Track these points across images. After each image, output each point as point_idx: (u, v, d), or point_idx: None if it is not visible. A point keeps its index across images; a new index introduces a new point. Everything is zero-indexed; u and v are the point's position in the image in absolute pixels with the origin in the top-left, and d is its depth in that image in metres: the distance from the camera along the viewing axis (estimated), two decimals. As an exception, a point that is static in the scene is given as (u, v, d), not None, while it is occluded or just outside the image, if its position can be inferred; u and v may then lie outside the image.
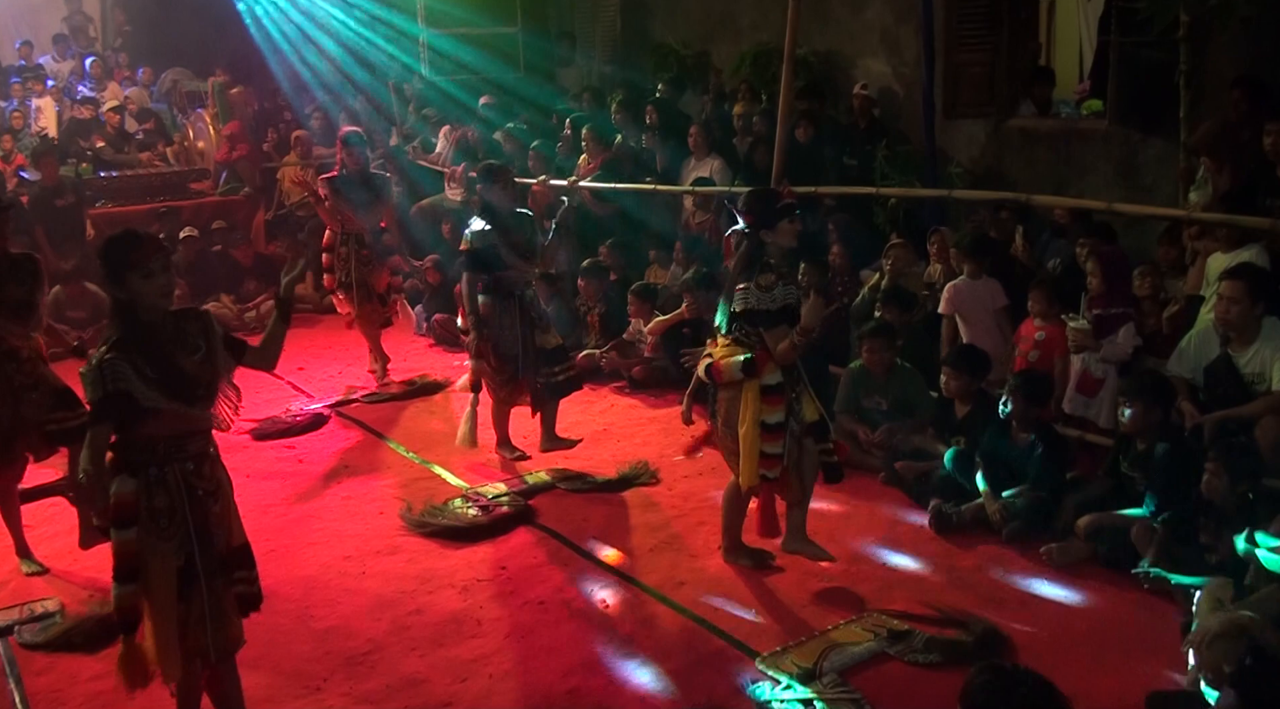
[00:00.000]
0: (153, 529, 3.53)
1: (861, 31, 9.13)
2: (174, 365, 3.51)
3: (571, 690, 4.22)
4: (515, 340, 6.37)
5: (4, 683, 4.49)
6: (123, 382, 3.40)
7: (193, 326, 3.65)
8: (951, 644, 4.30)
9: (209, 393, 3.62)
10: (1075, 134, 8.03)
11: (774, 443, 4.68)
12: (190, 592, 3.58)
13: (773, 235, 4.66)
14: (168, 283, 3.55)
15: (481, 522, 5.71)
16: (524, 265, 6.40)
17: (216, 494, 3.68)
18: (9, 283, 5.23)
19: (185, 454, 3.60)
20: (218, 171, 12.10)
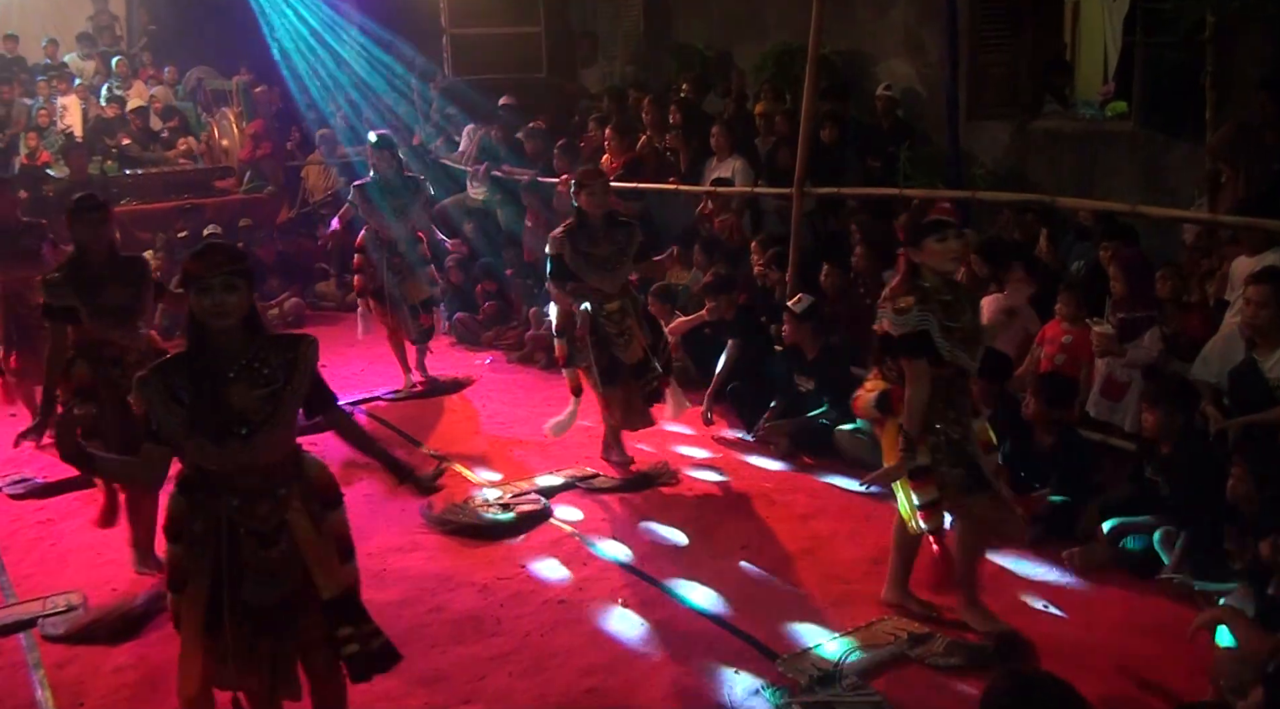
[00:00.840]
0: (189, 552, 3.31)
1: (885, 32, 9.10)
2: (217, 396, 3.18)
3: (591, 690, 4.22)
4: (588, 355, 6.06)
5: (27, 675, 4.52)
6: (146, 404, 3.21)
7: (278, 356, 3.30)
8: (973, 648, 4.28)
9: (256, 433, 3.20)
10: (1100, 136, 7.98)
11: (924, 490, 4.19)
12: (219, 628, 3.28)
13: (919, 255, 4.20)
14: (223, 304, 3.17)
15: (502, 520, 5.72)
16: (602, 278, 6.00)
17: (274, 537, 3.29)
18: (112, 285, 5.08)
19: (233, 489, 3.26)
20: (241, 170, 12.17)
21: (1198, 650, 4.08)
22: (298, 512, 3.35)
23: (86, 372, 5.10)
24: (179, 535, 3.34)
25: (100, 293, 5.05)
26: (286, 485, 3.35)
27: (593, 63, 11.62)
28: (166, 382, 3.19)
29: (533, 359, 8.80)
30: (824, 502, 5.91)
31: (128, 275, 5.16)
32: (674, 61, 10.94)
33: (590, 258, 5.98)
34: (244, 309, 3.24)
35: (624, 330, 6.08)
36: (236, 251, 3.37)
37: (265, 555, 3.29)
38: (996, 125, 8.46)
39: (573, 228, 6.01)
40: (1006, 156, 8.35)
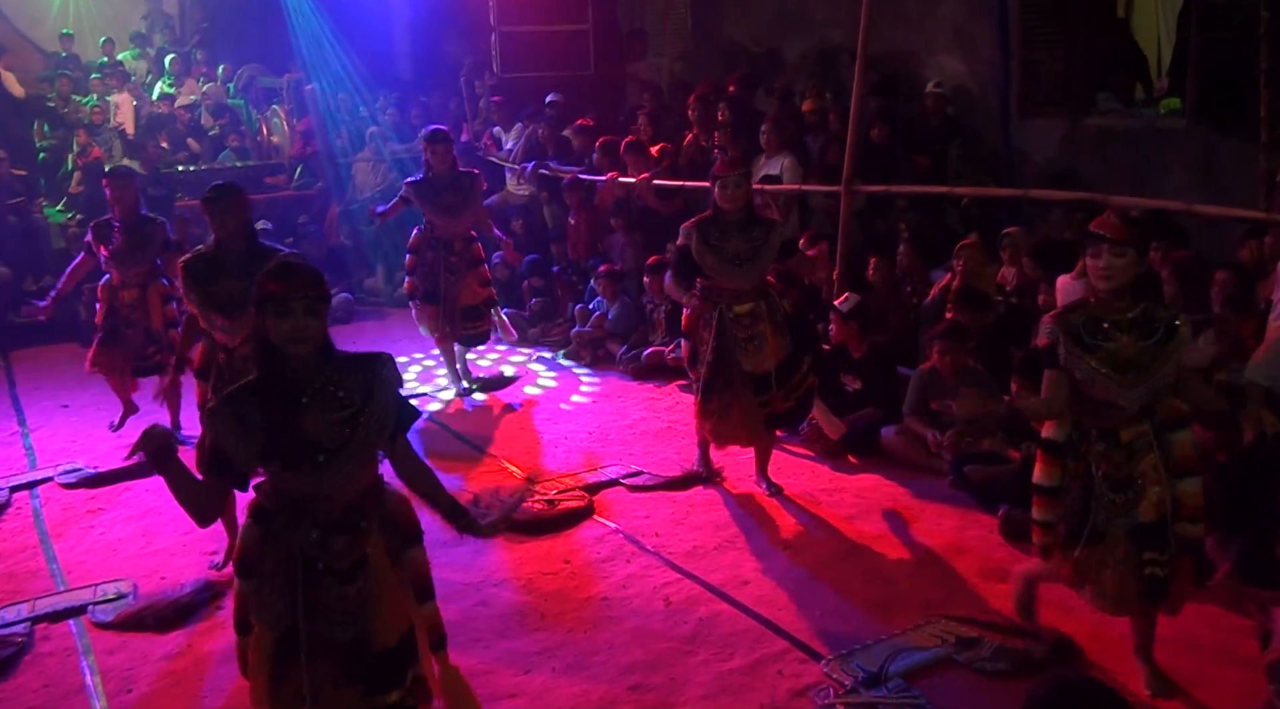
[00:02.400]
0: (261, 588, 3.10)
1: (935, 28, 9.02)
2: (293, 423, 3.00)
3: (633, 687, 4.22)
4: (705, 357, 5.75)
5: (77, 661, 4.61)
6: (219, 436, 3.01)
7: (356, 378, 3.09)
8: (1021, 654, 4.23)
9: (335, 461, 3.01)
10: (1153, 133, 7.86)
11: (1044, 510, 3.97)
12: (286, 670, 3.07)
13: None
14: (306, 328, 2.98)
15: (546, 516, 5.74)
16: (735, 276, 5.64)
17: (351, 574, 3.09)
18: (228, 276, 5.03)
19: (311, 519, 3.07)
20: (292, 166, 12.29)
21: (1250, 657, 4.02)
22: (377, 547, 3.16)
23: (210, 350, 5.21)
24: (250, 571, 3.12)
25: (214, 281, 5.07)
26: (367, 518, 3.15)
27: (643, 59, 11.61)
28: (236, 412, 2.99)
29: (578, 356, 8.82)
30: (870, 502, 5.87)
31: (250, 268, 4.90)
32: (721, 59, 10.91)
33: (721, 252, 5.62)
34: (324, 333, 3.07)
35: (754, 335, 5.69)
36: (317, 273, 3.10)
37: (341, 593, 3.08)
38: (1048, 122, 8.35)
39: (706, 220, 5.68)
40: (1058, 154, 8.25)
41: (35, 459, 7.14)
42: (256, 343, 3.08)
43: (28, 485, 6.61)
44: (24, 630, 4.82)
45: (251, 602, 3.12)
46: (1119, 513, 3.86)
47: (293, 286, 2.99)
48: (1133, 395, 3.80)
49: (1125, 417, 3.85)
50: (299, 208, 11.75)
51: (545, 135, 10.40)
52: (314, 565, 3.06)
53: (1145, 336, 3.80)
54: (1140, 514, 3.85)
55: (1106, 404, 3.83)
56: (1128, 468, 3.85)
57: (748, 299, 5.68)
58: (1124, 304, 3.82)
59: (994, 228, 7.50)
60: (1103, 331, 3.81)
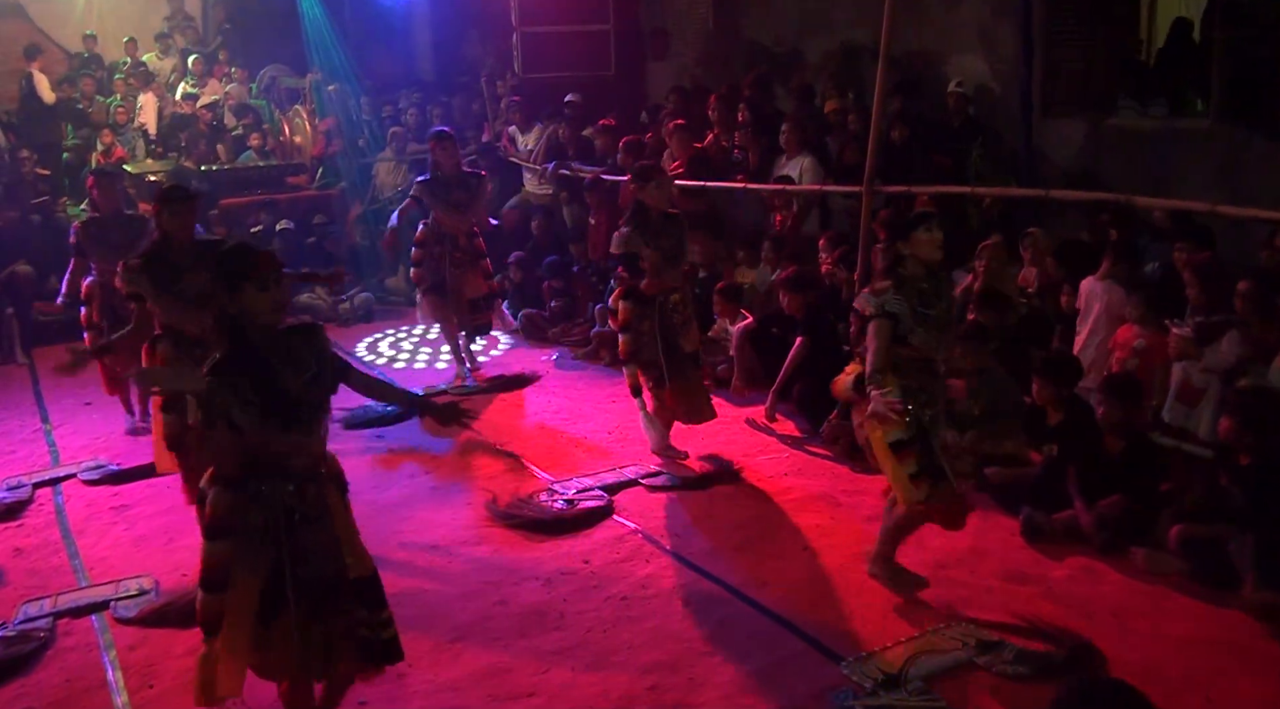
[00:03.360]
0: (245, 546, 3.47)
1: (957, 28, 8.97)
2: (277, 387, 3.42)
3: (652, 687, 4.22)
4: (655, 348, 6.20)
5: (99, 656, 4.64)
6: (224, 407, 3.36)
7: (304, 345, 3.56)
8: (1042, 658, 4.21)
9: (313, 416, 3.51)
10: (1176, 134, 7.80)
11: (906, 461, 4.46)
12: (276, 615, 3.47)
13: (908, 246, 4.53)
14: (281, 298, 3.47)
15: (566, 515, 5.75)
16: (670, 270, 6.15)
17: (322, 520, 3.55)
18: (193, 271, 5.21)
19: (287, 473, 3.50)
20: (314, 166, 12.34)
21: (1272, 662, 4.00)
22: (334, 493, 3.61)
23: (170, 351, 5.28)
24: (226, 532, 3.48)
25: (179, 279, 5.23)
26: (324, 466, 3.61)
27: (664, 58, 11.61)
28: (231, 382, 3.37)
29: (598, 356, 8.81)
30: (890, 503, 5.84)
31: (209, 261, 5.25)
32: (743, 59, 10.89)
33: (660, 250, 6.07)
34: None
35: (686, 319, 6.27)
36: (269, 251, 3.65)
37: (317, 537, 3.52)
38: (1070, 123, 8.30)
39: (639, 223, 6.08)
40: (1080, 155, 8.20)
41: (58, 456, 7.19)
42: (222, 321, 3.46)
43: (51, 482, 6.66)
44: (46, 626, 4.86)
45: (233, 559, 3.45)
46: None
47: (270, 264, 3.47)
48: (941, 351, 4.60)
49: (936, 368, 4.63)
50: (319, 208, 11.79)
51: (566, 135, 10.41)
52: (293, 515, 3.48)
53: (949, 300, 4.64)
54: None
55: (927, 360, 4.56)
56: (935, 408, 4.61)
57: (678, 289, 6.24)
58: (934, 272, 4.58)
59: (1015, 228, 7.47)
60: (927, 299, 4.49)
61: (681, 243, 6.22)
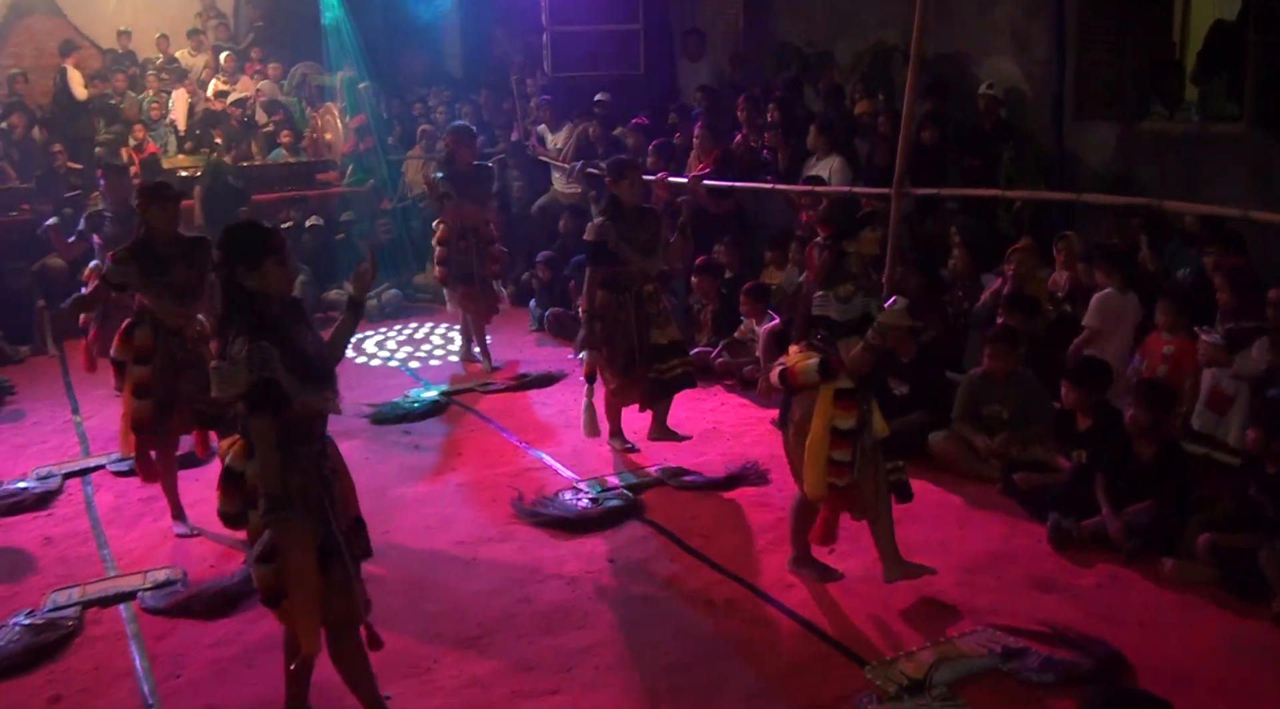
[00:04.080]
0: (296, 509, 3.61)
1: (989, 29, 8.93)
2: (300, 350, 3.62)
3: (675, 687, 4.22)
4: (629, 336, 6.34)
5: (127, 645, 4.68)
6: (269, 369, 3.48)
7: (300, 317, 3.82)
8: (1068, 666, 4.17)
9: (329, 376, 3.74)
10: (1209, 138, 7.74)
11: (843, 450, 4.58)
12: (330, 564, 3.67)
13: (855, 244, 4.61)
14: (295, 269, 3.74)
15: (591, 514, 5.75)
16: (644, 262, 6.33)
17: (339, 473, 3.82)
18: (178, 265, 5.49)
19: (312, 436, 3.71)
20: (344, 163, 12.40)
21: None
22: (335, 446, 3.87)
23: (148, 337, 5.51)
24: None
25: (165, 272, 5.45)
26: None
27: (699, 59, 11.60)
28: (266, 350, 3.50)
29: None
30: (916, 508, 5.75)
31: (193, 256, 5.54)
32: (773, 59, 10.88)
33: (632, 242, 6.24)
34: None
35: (661, 311, 6.44)
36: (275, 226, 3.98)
37: (339, 489, 3.78)
38: (1103, 126, 8.25)
39: (613, 215, 6.27)
40: (1113, 159, 8.15)
41: (88, 446, 7.25)
42: (235, 297, 3.61)
43: (80, 472, 6.73)
44: (75, 614, 4.90)
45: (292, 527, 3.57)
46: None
47: (279, 238, 3.74)
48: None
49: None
50: (349, 205, 11.86)
51: (596, 134, 10.42)
52: (322, 472, 3.69)
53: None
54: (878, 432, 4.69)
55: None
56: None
57: (651, 280, 6.42)
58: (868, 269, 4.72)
59: (1046, 232, 7.42)
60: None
61: (656, 236, 6.36)
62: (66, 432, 7.61)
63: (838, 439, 4.57)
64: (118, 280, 5.49)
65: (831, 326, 4.57)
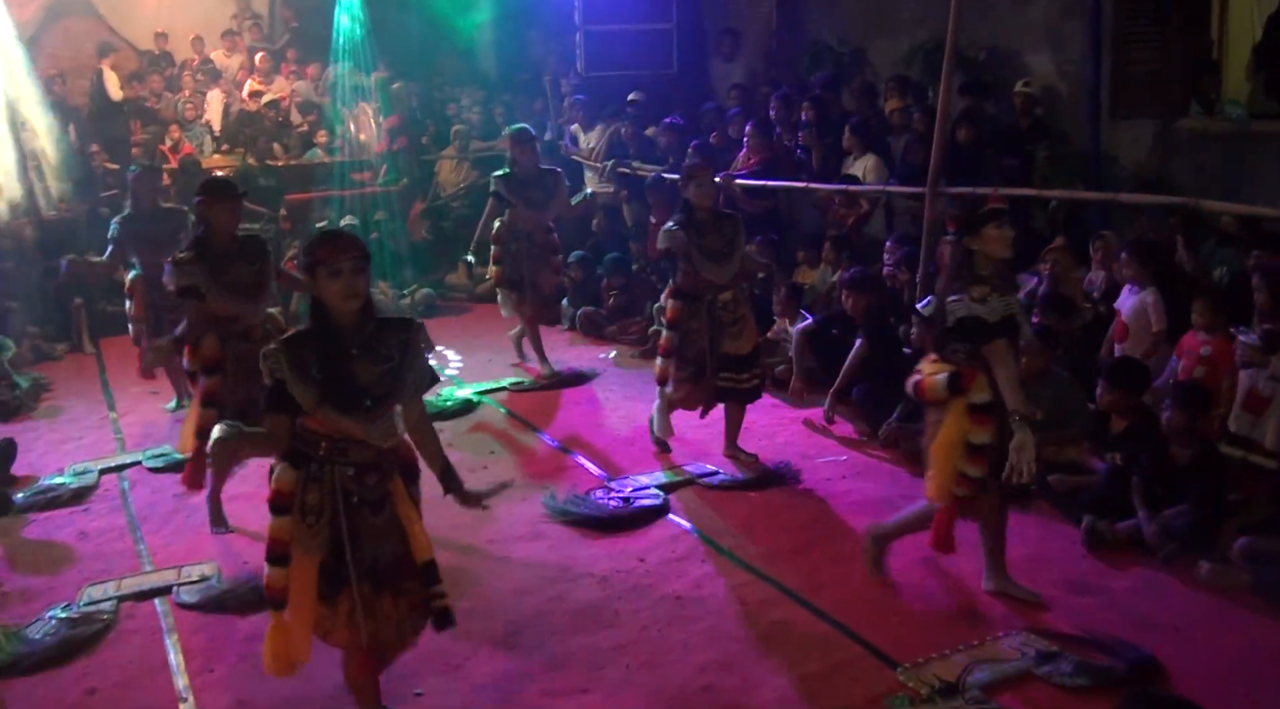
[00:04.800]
0: (299, 523, 3.54)
1: (1025, 27, 8.86)
2: (346, 371, 3.44)
3: (705, 687, 4.21)
4: (701, 345, 6.18)
5: (161, 640, 4.73)
6: (279, 372, 3.39)
7: (394, 337, 3.56)
8: (1102, 670, 4.13)
9: (378, 407, 3.49)
10: (1247, 137, 7.63)
11: (978, 466, 4.39)
12: (337, 593, 3.56)
13: (978, 242, 4.41)
14: (352, 286, 3.42)
15: (622, 513, 5.75)
16: (717, 269, 6.10)
17: (380, 505, 3.62)
18: (238, 263, 5.39)
19: (347, 459, 3.54)
20: (378, 162, 12.46)
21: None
22: (397, 482, 3.69)
23: (215, 345, 5.39)
24: (287, 508, 3.55)
25: (226, 271, 5.34)
26: (389, 458, 3.64)
27: (733, 58, 11.58)
28: (295, 355, 3.41)
29: (656, 354, 8.80)
30: (948, 508, 5.77)
31: (251, 254, 5.45)
32: (806, 58, 10.84)
33: (703, 250, 6.05)
34: (368, 291, 3.50)
35: (738, 319, 6.19)
36: (358, 238, 3.62)
37: (373, 522, 3.59)
38: (1139, 125, 8.16)
39: (684, 221, 6.08)
40: (1149, 158, 8.06)
41: (124, 443, 7.33)
42: (309, 301, 3.53)
43: (116, 468, 6.80)
44: (110, 609, 4.95)
45: (294, 535, 3.53)
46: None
47: (341, 249, 3.45)
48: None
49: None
50: (382, 204, 11.92)
51: (628, 134, 10.42)
52: (350, 498, 3.55)
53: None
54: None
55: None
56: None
57: (729, 287, 6.16)
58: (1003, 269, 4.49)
59: (1082, 232, 7.35)
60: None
61: (732, 243, 6.13)
62: (102, 428, 7.69)
63: (973, 454, 4.39)
64: (187, 283, 5.33)
65: (969, 331, 4.37)
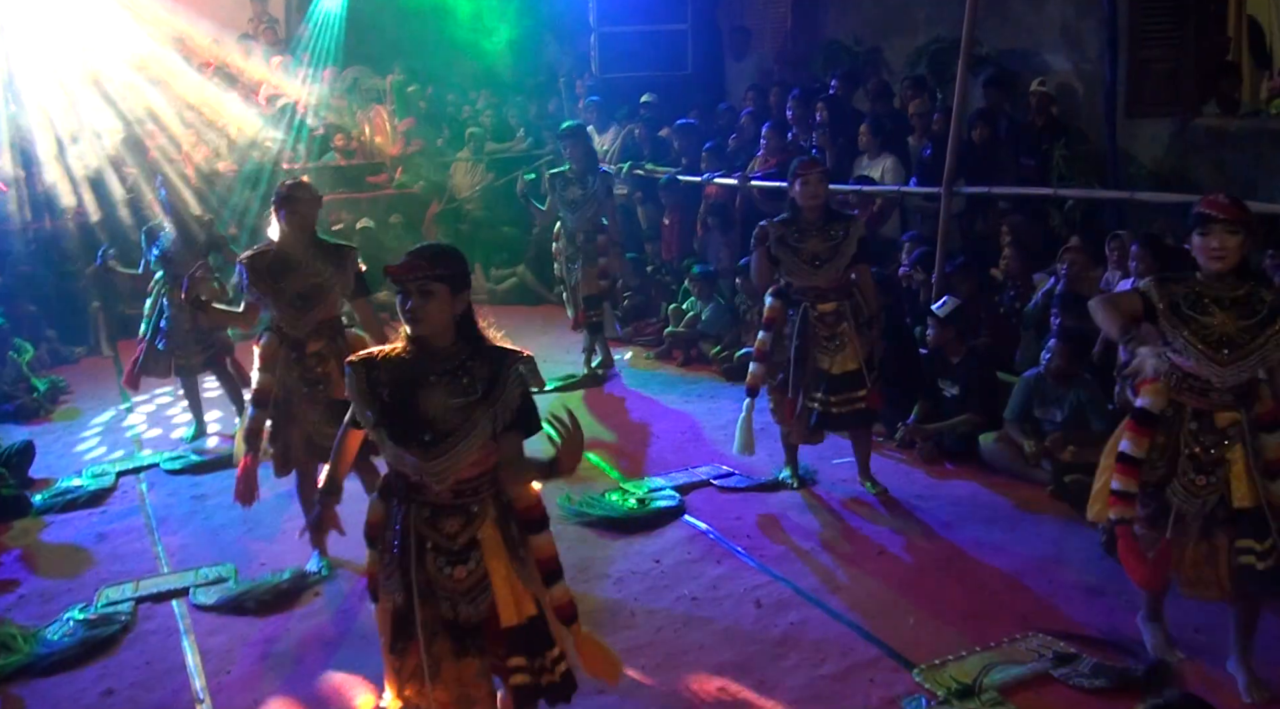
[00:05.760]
0: (379, 559, 3.29)
1: (1042, 26, 8.82)
2: (410, 398, 3.10)
3: (721, 689, 4.20)
4: (788, 352, 5.77)
5: (178, 641, 4.74)
6: (350, 388, 3.16)
7: (486, 368, 3.15)
8: (1120, 671, 4.10)
9: (441, 443, 3.08)
10: (1265, 134, 7.57)
11: (1125, 479, 3.89)
12: (406, 644, 3.21)
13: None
14: (416, 310, 3.08)
15: (638, 514, 5.74)
16: (812, 275, 5.65)
17: (461, 556, 3.19)
18: (302, 271, 5.04)
19: (422, 499, 3.19)
20: (393, 165, 12.49)
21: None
22: (491, 531, 3.23)
23: (274, 345, 5.12)
24: (374, 541, 3.32)
25: (283, 277, 5.04)
26: (480, 502, 3.22)
27: (744, 58, 11.56)
28: (370, 374, 3.13)
29: (670, 356, 8.81)
30: (966, 510, 5.76)
31: (321, 264, 5.07)
32: (822, 57, 10.81)
33: (800, 253, 5.64)
34: (443, 316, 3.12)
35: (838, 335, 5.71)
36: (440, 255, 3.20)
37: (451, 574, 3.18)
38: (1157, 123, 8.11)
39: (786, 221, 5.71)
40: (1167, 156, 8.01)
41: (141, 445, 7.36)
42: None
43: (134, 470, 6.83)
44: (128, 610, 4.97)
45: (378, 570, 3.27)
46: (1198, 494, 3.84)
47: (405, 269, 3.10)
48: (1226, 374, 3.75)
49: (1220, 399, 3.81)
50: (398, 207, 11.95)
51: (642, 135, 10.41)
52: (424, 544, 3.18)
53: (1246, 316, 3.74)
54: (1234, 500, 3.80)
55: (1200, 381, 3.80)
56: (1217, 452, 3.82)
57: (831, 299, 5.69)
58: (1229, 282, 3.78)
59: (1099, 231, 7.31)
60: (1202, 305, 3.78)
61: (839, 250, 5.61)
62: (120, 430, 7.72)
63: (1122, 464, 3.92)
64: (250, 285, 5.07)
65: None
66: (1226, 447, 3.83)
